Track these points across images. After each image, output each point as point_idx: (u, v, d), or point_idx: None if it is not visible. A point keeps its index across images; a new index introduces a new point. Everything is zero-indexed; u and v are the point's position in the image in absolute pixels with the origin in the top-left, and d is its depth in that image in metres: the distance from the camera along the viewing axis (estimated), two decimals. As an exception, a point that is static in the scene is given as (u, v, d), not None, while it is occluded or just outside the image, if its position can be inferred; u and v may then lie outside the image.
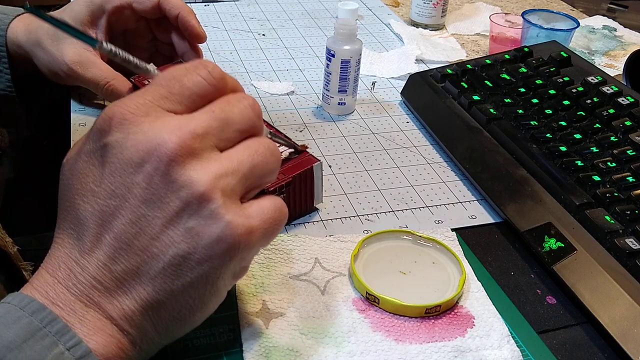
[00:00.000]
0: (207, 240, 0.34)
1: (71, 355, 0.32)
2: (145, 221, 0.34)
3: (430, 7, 0.97)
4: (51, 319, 0.32)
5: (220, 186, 0.34)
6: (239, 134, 0.37)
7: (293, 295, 0.46)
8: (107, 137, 0.34)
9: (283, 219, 0.38)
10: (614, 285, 0.47)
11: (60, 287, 0.34)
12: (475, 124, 0.66)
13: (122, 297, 0.34)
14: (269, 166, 0.37)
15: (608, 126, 0.62)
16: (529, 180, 0.58)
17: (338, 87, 0.70)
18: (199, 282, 0.35)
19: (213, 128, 0.35)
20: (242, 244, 0.35)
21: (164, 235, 0.34)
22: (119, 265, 0.34)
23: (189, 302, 0.35)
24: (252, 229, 0.35)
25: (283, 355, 0.41)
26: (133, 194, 0.34)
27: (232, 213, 0.34)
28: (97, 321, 0.34)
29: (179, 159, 0.33)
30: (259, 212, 0.36)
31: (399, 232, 0.52)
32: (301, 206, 0.54)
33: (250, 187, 0.37)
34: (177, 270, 0.34)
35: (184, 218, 0.34)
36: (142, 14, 0.63)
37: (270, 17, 0.99)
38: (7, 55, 0.61)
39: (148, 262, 0.34)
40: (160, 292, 0.34)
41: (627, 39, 0.99)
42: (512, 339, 0.44)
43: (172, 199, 0.34)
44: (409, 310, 0.45)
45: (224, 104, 0.37)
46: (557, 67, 0.72)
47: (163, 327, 0.36)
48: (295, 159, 0.53)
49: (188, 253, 0.34)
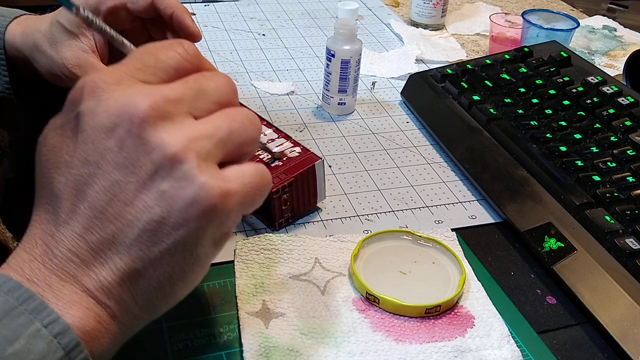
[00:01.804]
0: (181, 203, 0.33)
1: (48, 332, 0.31)
2: (119, 187, 0.33)
3: (430, 7, 0.97)
4: (27, 296, 0.32)
5: (194, 148, 0.33)
6: (214, 105, 0.36)
7: (293, 295, 0.46)
8: (79, 107, 0.34)
9: (265, 185, 0.37)
10: (614, 285, 0.47)
11: (37, 264, 0.33)
12: (475, 124, 0.66)
13: (99, 269, 0.34)
14: (248, 133, 0.36)
15: (608, 126, 0.62)
16: (529, 180, 0.58)
17: (338, 87, 0.70)
18: (176, 249, 0.34)
19: (187, 95, 0.35)
20: (219, 206, 0.33)
21: (138, 201, 0.33)
22: (94, 235, 0.33)
23: (168, 271, 0.34)
24: (229, 192, 0.34)
25: (283, 355, 0.41)
26: (106, 159, 0.33)
27: (207, 175, 0.33)
28: (74, 294, 0.33)
29: (150, 120, 0.33)
30: (238, 176, 0.35)
31: (399, 232, 0.52)
32: (304, 204, 0.55)
33: (230, 155, 0.36)
34: (153, 237, 0.33)
35: (157, 181, 0.33)
36: (136, 14, 0.63)
37: (270, 17, 0.99)
38: (5, 58, 0.60)
39: (123, 230, 0.33)
40: (137, 261, 0.33)
41: (627, 39, 0.99)
42: (512, 339, 0.44)
43: (144, 162, 0.33)
44: (409, 310, 0.45)
45: (199, 77, 0.36)
46: (557, 67, 0.72)
47: (143, 299, 0.35)
48: (297, 157, 0.54)
49: (163, 217, 0.33)
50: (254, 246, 0.50)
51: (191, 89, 0.35)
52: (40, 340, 0.31)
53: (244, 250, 0.50)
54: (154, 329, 0.43)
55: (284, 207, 0.52)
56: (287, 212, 0.53)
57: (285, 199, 0.52)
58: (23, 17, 0.63)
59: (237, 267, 0.48)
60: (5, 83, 0.62)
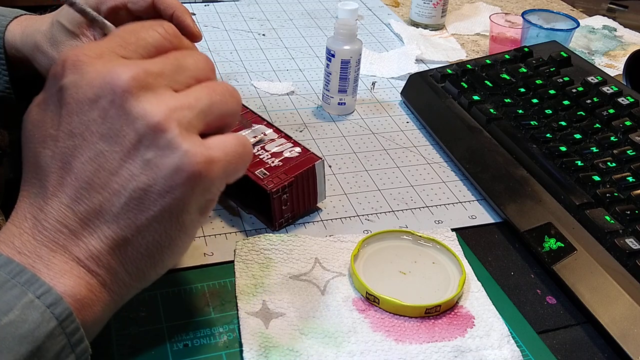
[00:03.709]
0: (166, 170, 0.34)
1: (41, 302, 0.32)
2: (104, 157, 0.34)
3: (430, 7, 0.97)
4: (19, 270, 0.32)
5: (175, 117, 0.34)
6: (193, 80, 0.37)
7: (293, 295, 0.46)
8: (61, 80, 0.35)
9: (247, 154, 0.38)
10: (614, 285, 0.47)
11: (27, 236, 0.34)
12: (475, 124, 0.66)
13: (88, 238, 0.34)
14: (228, 105, 0.38)
15: (608, 126, 0.62)
16: (529, 180, 0.58)
17: (338, 87, 0.70)
18: (163, 216, 0.35)
19: (167, 70, 0.36)
20: (203, 173, 0.34)
21: (123, 170, 0.34)
22: (81, 205, 0.34)
23: (156, 238, 0.35)
24: (212, 159, 0.35)
25: (283, 355, 0.41)
26: (90, 130, 0.34)
27: (190, 142, 0.34)
28: (64, 264, 0.34)
29: (133, 90, 0.34)
30: (221, 144, 0.36)
31: (399, 232, 0.52)
32: (304, 204, 0.54)
33: (212, 126, 0.37)
34: (140, 205, 0.34)
35: (141, 150, 0.34)
36: (137, 13, 0.63)
37: (270, 17, 0.99)
38: (5, 58, 0.60)
39: (110, 199, 0.34)
40: (125, 229, 0.34)
41: (627, 39, 0.99)
42: (512, 339, 0.45)
43: (127, 132, 0.34)
44: (409, 310, 0.45)
45: (178, 53, 0.38)
46: (557, 67, 0.72)
47: (133, 266, 0.36)
48: (297, 157, 0.54)
49: (148, 185, 0.34)
50: (254, 246, 0.50)
51: (171, 64, 0.36)
52: (34, 311, 0.32)
53: (244, 250, 0.50)
54: (154, 329, 0.43)
55: (284, 207, 0.52)
56: (287, 212, 0.53)
57: (285, 199, 0.52)
58: (23, 17, 0.63)
59: (237, 267, 0.48)
60: (5, 83, 0.62)
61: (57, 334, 0.32)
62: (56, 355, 0.32)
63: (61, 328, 0.32)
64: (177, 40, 0.38)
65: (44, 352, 0.32)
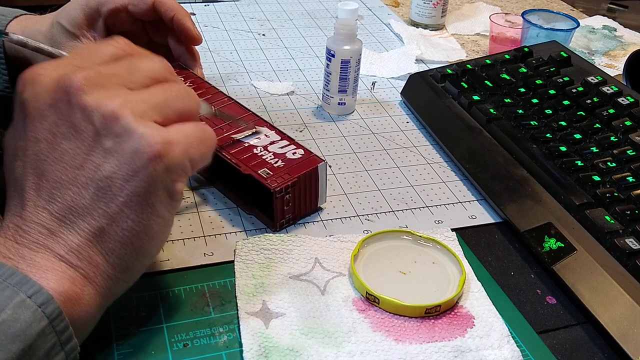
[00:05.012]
0: (126, 155, 0.35)
1: (33, 302, 0.33)
2: (68, 155, 0.36)
3: (430, 7, 0.97)
4: (11, 272, 0.33)
5: (129, 106, 0.36)
6: (149, 80, 0.39)
7: (293, 295, 0.46)
8: (22, 95, 0.37)
9: (208, 138, 0.39)
10: (614, 285, 0.47)
11: (10, 242, 0.36)
12: (475, 124, 0.66)
13: (66, 234, 0.36)
14: (185, 103, 0.39)
15: (608, 126, 0.62)
16: (529, 180, 0.58)
17: (338, 87, 0.70)
18: (132, 200, 0.36)
19: (120, 71, 0.38)
20: (162, 153, 0.36)
21: (88, 163, 0.36)
22: (55, 204, 0.36)
23: (130, 224, 0.36)
24: (170, 140, 0.36)
25: (283, 355, 0.41)
26: (53, 133, 0.36)
27: (145, 126, 0.36)
28: (46, 261, 0.35)
29: (85, 88, 0.35)
30: (179, 128, 0.38)
31: (399, 232, 0.52)
32: (306, 206, 0.54)
33: (170, 120, 0.38)
34: (108, 193, 0.36)
35: (101, 140, 0.35)
36: (137, 16, 0.63)
37: (270, 17, 0.99)
38: (4, 57, 0.60)
39: (80, 193, 0.36)
40: (98, 219, 0.36)
41: (627, 39, 0.99)
42: (512, 339, 0.45)
43: (85, 126, 0.35)
44: (409, 310, 0.45)
45: (133, 57, 0.39)
46: (557, 67, 0.72)
47: (113, 256, 0.37)
48: (300, 158, 0.54)
49: (113, 172, 0.35)
50: (254, 246, 0.50)
51: (125, 67, 0.38)
52: (25, 310, 0.33)
53: (244, 250, 0.50)
54: (154, 329, 0.43)
55: (286, 207, 0.52)
56: (289, 213, 0.53)
57: (288, 199, 0.52)
58: (23, 17, 0.63)
59: (237, 267, 0.48)
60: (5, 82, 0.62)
61: (47, 332, 0.33)
62: (46, 353, 0.33)
63: (51, 327, 0.33)
64: (131, 48, 0.40)
65: (35, 350, 0.33)
